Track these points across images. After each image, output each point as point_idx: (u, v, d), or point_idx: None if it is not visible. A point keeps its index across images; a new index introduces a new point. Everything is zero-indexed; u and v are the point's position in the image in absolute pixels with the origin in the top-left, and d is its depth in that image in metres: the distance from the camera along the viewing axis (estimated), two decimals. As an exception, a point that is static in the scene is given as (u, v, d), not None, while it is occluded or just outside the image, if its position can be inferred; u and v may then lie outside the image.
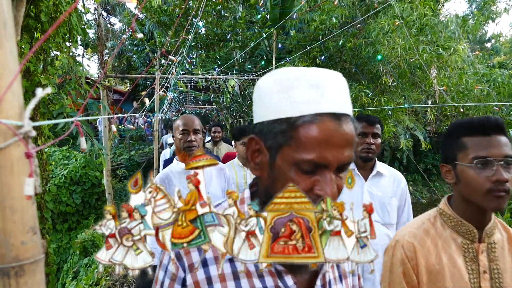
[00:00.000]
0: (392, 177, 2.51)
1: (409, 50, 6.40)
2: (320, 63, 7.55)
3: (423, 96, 7.29)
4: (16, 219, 0.52)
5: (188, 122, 2.50)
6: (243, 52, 9.07)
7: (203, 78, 7.85)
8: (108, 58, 15.37)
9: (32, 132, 0.52)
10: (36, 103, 0.54)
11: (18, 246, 0.53)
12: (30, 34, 3.76)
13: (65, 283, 6.07)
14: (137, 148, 14.41)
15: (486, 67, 7.95)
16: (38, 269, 0.55)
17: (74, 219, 8.04)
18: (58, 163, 8.52)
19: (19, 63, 0.53)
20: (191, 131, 2.46)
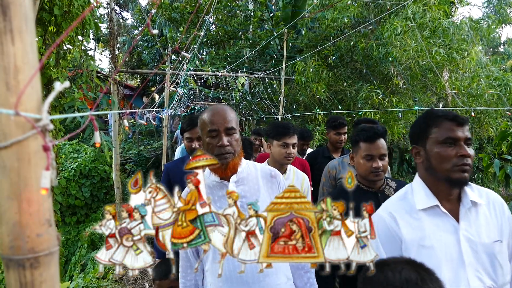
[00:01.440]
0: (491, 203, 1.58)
1: (421, 53, 6.34)
2: (332, 63, 7.51)
3: (434, 99, 7.22)
4: (33, 211, 0.53)
5: (218, 118, 1.71)
6: (253, 51, 9.07)
7: (213, 75, 7.86)
8: (120, 53, 15.47)
9: (50, 125, 0.53)
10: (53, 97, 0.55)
11: (33, 238, 0.53)
12: (43, 27, 3.80)
13: (73, 275, 6.14)
14: (146, 143, 14.50)
15: (499, 70, 7.84)
16: (53, 261, 0.55)
17: (82, 212, 8.13)
18: (68, 156, 8.61)
19: (38, 57, 0.53)
20: (222, 131, 1.69)
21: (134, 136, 14.92)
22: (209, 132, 1.70)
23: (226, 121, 1.70)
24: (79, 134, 10.07)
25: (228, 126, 1.69)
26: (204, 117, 1.76)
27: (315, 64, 7.30)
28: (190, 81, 8.02)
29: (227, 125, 1.69)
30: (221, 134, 1.69)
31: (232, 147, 1.70)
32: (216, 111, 1.74)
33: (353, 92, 7.22)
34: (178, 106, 13.74)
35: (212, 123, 1.70)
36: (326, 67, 7.51)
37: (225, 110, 1.75)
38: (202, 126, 1.76)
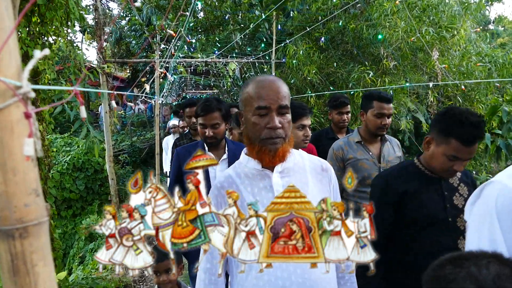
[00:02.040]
0: None
1: (411, 33, 6.33)
2: (323, 45, 7.48)
3: (424, 78, 7.24)
4: (18, 181, 0.52)
5: (270, 93, 1.38)
6: (243, 33, 8.98)
7: (203, 62, 7.79)
8: (107, 43, 15.26)
9: (31, 93, 0.52)
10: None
11: (21, 208, 0.53)
12: (27, 18, 3.73)
13: (72, 268, 6.16)
14: (138, 134, 14.44)
15: (488, 47, 7.89)
16: (42, 231, 0.55)
17: (78, 205, 8.12)
18: (60, 150, 8.56)
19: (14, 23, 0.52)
20: (274, 110, 1.36)
21: (126, 128, 14.84)
22: (256, 109, 1.37)
23: (279, 97, 1.37)
24: (70, 128, 10.01)
25: (282, 103, 1.37)
26: (250, 90, 1.43)
27: (306, 47, 7.26)
28: (179, 68, 7.95)
29: (281, 102, 1.37)
30: (272, 113, 1.37)
31: (284, 131, 1.39)
32: (267, 83, 1.41)
33: (344, 74, 7.20)
34: (169, 95, 13.64)
35: (261, 98, 1.37)
36: (317, 49, 7.47)
37: (278, 83, 1.42)
38: (247, 100, 1.43)
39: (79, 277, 4.75)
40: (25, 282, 0.53)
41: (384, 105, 2.88)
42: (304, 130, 2.80)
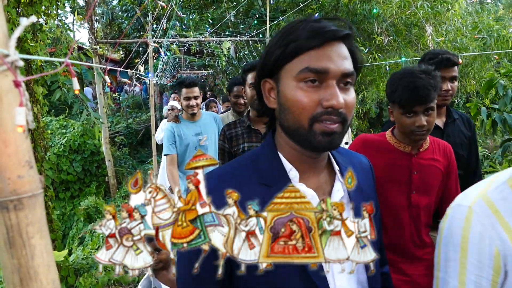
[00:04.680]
0: None
1: (405, 8, 6.26)
2: (316, 21, 7.36)
3: (419, 54, 7.20)
4: (11, 152, 0.52)
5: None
6: (236, 9, 8.83)
7: (196, 41, 7.68)
8: (98, 24, 14.99)
9: (19, 61, 0.50)
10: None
11: (15, 180, 0.52)
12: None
13: (71, 248, 6.22)
14: (134, 116, 14.35)
15: (489, 19, 7.80)
16: (37, 203, 0.55)
17: (76, 187, 8.13)
18: (56, 132, 8.50)
19: None
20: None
21: (122, 110, 14.74)
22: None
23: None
24: (65, 110, 9.93)
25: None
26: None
27: (300, 24, 7.16)
28: (172, 48, 7.83)
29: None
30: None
31: None
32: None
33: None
34: (163, 76, 13.50)
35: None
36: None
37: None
38: None
39: (79, 257, 4.80)
40: (22, 254, 0.53)
41: None
42: None
